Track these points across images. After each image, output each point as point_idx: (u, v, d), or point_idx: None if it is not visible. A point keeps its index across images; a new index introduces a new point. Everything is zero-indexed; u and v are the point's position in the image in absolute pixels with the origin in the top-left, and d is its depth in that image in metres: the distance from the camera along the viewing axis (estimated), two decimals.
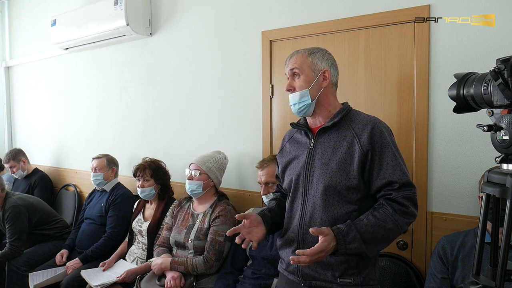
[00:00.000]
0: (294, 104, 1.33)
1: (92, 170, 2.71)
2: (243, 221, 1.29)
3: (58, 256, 2.59)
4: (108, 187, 2.72)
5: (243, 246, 1.27)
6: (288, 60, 1.36)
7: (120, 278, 2.15)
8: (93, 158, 2.75)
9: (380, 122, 1.29)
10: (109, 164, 2.74)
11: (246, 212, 1.33)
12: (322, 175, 1.26)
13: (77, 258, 2.47)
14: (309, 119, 1.38)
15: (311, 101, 1.31)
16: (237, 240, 1.26)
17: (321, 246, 1.11)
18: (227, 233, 1.30)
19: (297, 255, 1.12)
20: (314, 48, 1.37)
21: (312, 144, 1.33)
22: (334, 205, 1.25)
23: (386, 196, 1.22)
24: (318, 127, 1.34)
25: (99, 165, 2.70)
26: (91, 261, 2.46)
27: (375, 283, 1.28)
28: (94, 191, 2.86)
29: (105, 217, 2.63)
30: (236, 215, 1.31)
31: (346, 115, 1.32)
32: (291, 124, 1.43)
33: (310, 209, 1.29)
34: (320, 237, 1.13)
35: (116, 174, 2.78)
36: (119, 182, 2.78)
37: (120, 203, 2.61)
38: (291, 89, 1.34)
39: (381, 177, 1.22)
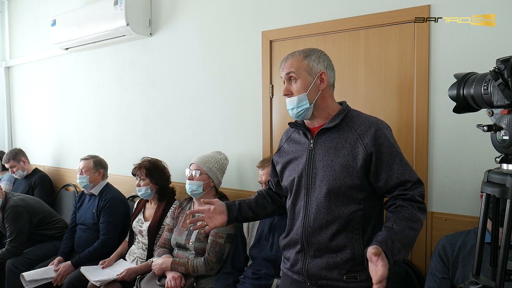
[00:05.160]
0: (292, 108, 1.31)
1: (78, 171, 2.63)
2: (209, 207, 1.40)
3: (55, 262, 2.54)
4: (96, 191, 2.64)
5: (192, 228, 1.41)
6: (283, 64, 1.33)
7: (120, 276, 2.15)
8: (81, 159, 2.68)
9: (382, 123, 1.29)
10: (96, 166, 2.65)
11: (214, 200, 1.45)
12: (325, 177, 1.26)
13: (69, 262, 2.45)
14: (306, 121, 1.37)
15: (310, 105, 1.29)
16: (192, 221, 1.41)
17: (385, 269, 1.02)
18: (187, 212, 1.45)
19: None
20: (309, 49, 1.34)
21: (311, 145, 1.32)
22: (338, 206, 1.25)
23: (401, 196, 1.22)
24: (316, 128, 1.33)
25: (85, 167, 2.62)
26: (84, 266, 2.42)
27: None
28: (83, 193, 2.78)
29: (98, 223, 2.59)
30: (202, 200, 1.44)
31: (346, 116, 1.31)
32: (289, 123, 1.42)
33: (314, 211, 1.28)
34: (374, 258, 1.04)
35: (104, 177, 2.69)
36: (108, 184, 2.71)
37: (109, 207, 2.56)
38: (288, 93, 1.32)
39: (393, 177, 1.23)
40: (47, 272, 2.46)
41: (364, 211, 1.26)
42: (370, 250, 1.05)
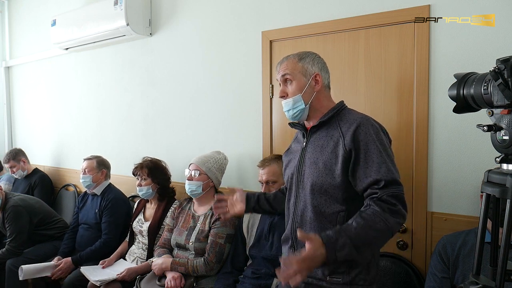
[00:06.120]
0: (288, 110, 1.34)
1: (82, 171, 2.66)
2: (235, 194, 1.52)
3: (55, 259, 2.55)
4: (98, 191, 2.66)
5: (216, 212, 1.51)
6: (279, 66, 1.36)
7: (120, 275, 2.15)
8: (84, 159, 2.71)
9: (367, 120, 1.26)
10: (99, 166, 2.68)
11: (237, 188, 1.57)
12: (310, 175, 1.28)
13: (70, 258, 2.46)
14: (305, 121, 1.40)
15: (305, 106, 1.32)
16: (217, 207, 1.52)
17: (308, 253, 1.07)
18: (216, 198, 1.54)
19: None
20: (304, 52, 1.37)
21: (304, 143, 1.34)
22: (322, 204, 1.26)
23: (372, 196, 1.17)
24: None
25: (88, 167, 2.65)
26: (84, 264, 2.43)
27: (366, 284, 1.24)
28: (85, 194, 2.79)
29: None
30: (228, 187, 1.51)
31: (337, 113, 1.31)
32: (289, 123, 1.44)
33: (302, 207, 1.31)
34: (306, 244, 1.08)
35: (106, 177, 2.72)
36: (110, 184, 2.72)
37: (111, 207, 2.57)
38: (284, 95, 1.34)
39: (367, 175, 1.18)
40: (46, 269, 2.45)
41: (348, 212, 1.23)
42: (306, 234, 1.11)
